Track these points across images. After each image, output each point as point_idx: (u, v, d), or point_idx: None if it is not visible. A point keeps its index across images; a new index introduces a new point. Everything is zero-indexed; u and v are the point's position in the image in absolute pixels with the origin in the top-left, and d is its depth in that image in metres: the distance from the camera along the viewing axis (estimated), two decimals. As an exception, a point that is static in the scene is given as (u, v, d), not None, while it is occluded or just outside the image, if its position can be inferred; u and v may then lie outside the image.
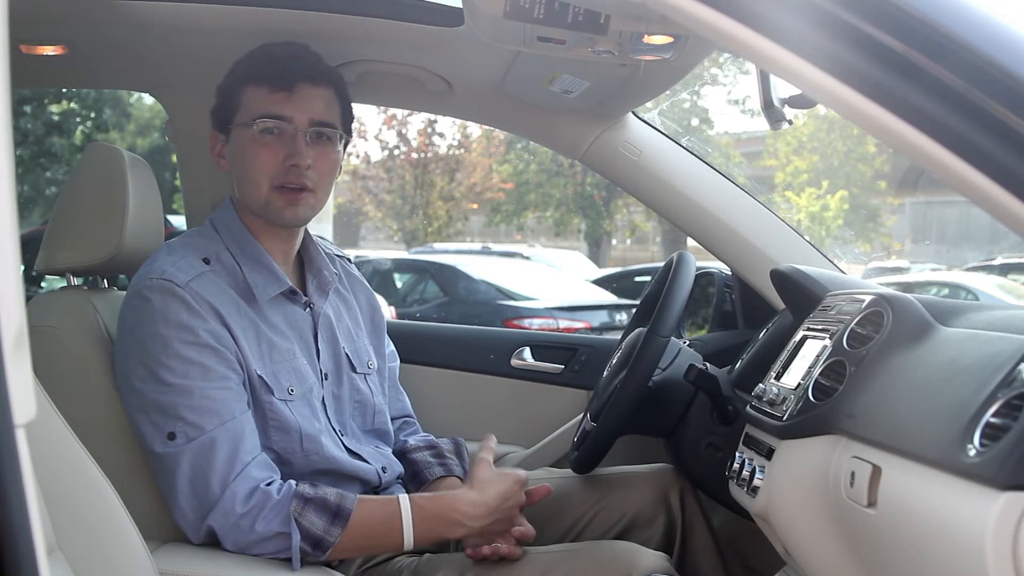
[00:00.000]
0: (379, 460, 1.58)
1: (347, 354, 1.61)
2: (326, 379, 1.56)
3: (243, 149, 1.50)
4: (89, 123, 13.64)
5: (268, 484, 1.37)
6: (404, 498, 1.42)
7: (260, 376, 1.44)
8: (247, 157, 1.50)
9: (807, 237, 1.99)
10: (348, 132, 1.58)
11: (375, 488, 1.56)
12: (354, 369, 1.61)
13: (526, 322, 7.23)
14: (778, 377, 1.40)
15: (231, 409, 1.38)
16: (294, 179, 1.48)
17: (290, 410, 1.46)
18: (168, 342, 1.38)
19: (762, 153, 21.18)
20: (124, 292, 1.51)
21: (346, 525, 1.37)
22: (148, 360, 1.38)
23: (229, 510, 1.34)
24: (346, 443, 1.55)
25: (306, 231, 1.62)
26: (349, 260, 1.79)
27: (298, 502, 1.36)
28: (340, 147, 1.56)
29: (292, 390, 1.47)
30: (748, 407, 1.44)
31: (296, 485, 1.39)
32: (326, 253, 1.65)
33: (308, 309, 1.57)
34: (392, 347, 1.82)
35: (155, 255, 1.47)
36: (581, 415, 1.97)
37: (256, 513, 1.34)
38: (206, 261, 1.47)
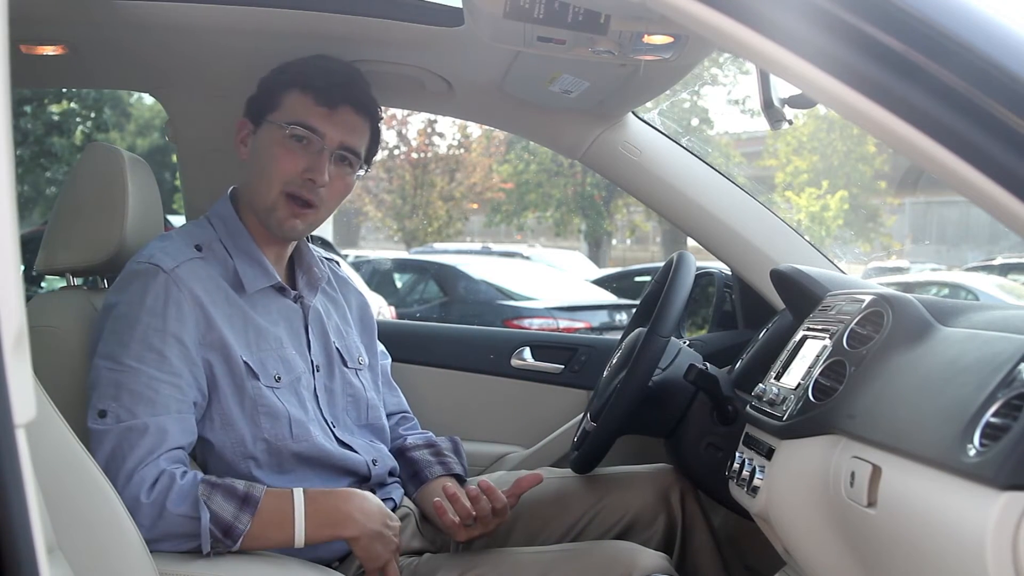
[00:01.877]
0: (370, 452, 1.58)
1: (337, 349, 1.62)
2: (317, 371, 1.56)
3: (268, 147, 1.52)
4: (89, 123, 13.64)
5: (175, 469, 1.34)
6: (298, 491, 1.37)
7: (246, 362, 1.44)
8: (269, 156, 1.51)
9: (807, 237, 1.99)
10: (368, 163, 1.62)
11: (366, 480, 1.56)
12: (345, 364, 1.62)
13: (526, 322, 7.23)
14: (778, 377, 1.41)
15: (167, 405, 1.36)
16: (307, 192, 1.50)
17: (277, 396, 1.47)
18: (135, 324, 1.38)
19: (762, 153, 21.19)
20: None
21: (255, 511, 1.32)
22: (112, 337, 1.39)
23: (136, 497, 1.29)
24: (337, 434, 1.55)
25: None
26: (337, 264, 1.80)
27: (205, 486, 1.33)
28: (355, 175, 1.58)
29: (279, 378, 1.48)
30: (748, 407, 1.44)
31: (201, 478, 1.35)
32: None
33: (298, 303, 1.58)
34: (382, 347, 1.83)
35: (149, 243, 1.49)
36: (581, 415, 1.97)
37: (162, 498, 1.30)
38: (198, 248, 1.48)
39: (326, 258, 1.76)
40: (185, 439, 1.38)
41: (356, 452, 1.55)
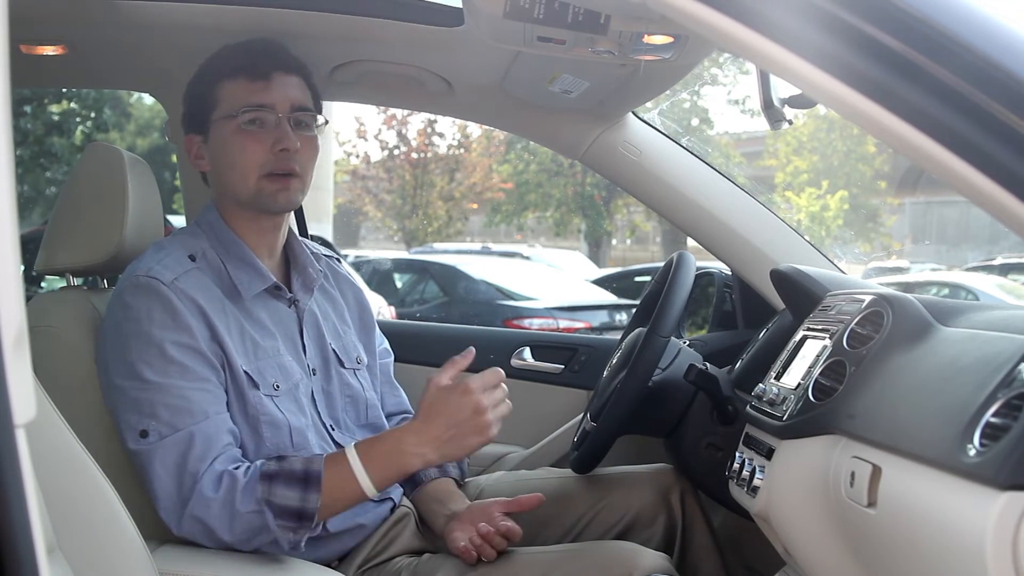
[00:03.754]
0: None
1: (334, 350, 1.61)
2: (314, 374, 1.56)
3: (228, 142, 1.51)
4: (89, 123, 13.63)
5: (235, 468, 1.37)
6: (350, 449, 1.38)
7: (246, 372, 1.45)
8: (233, 149, 1.50)
9: (807, 237, 1.99)
10: (321, 113, 1.61)
11: None
12: (342, 364, 1.62)
13: (526, 322, 7.23)
14: (778, 377, 1.41)
15: (205, 410, 1.39)
16: (283, 165, 1.50)
17: (276, 405, 1.47)
18: (151, 340, 1.39)
19: (762, 153, 21.19)
20: (123, 292, 1.51)
21: (320, 487, 1.34)
22: (130, 357, 1.39)
23: (205, 502, 1.34)
24: (336, 437, 1.55)
25: (290, 229, 1.63)
26: (339, 260, 1.79)
27: (264, 484, 1.35)
28: (317, 132, 1.58)
29: (277, 386, 1.48)
30: (748, 407, 1.44)
31: (261, 465, 1.37)
32: (312, 253, 1.66)
33: (293, 306, 1.57)
34: (386, 344, 1.83)
35: (143, 253, 1.49)
36: (581, 415, 1.97)
37: (230, 497, 1.34)
38: (192, 258, 1.48)
39: (325, 255, 1.75)
40: (230, 437, 1.41)
41: None
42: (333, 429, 1.56)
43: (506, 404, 1.40)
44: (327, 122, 1.62)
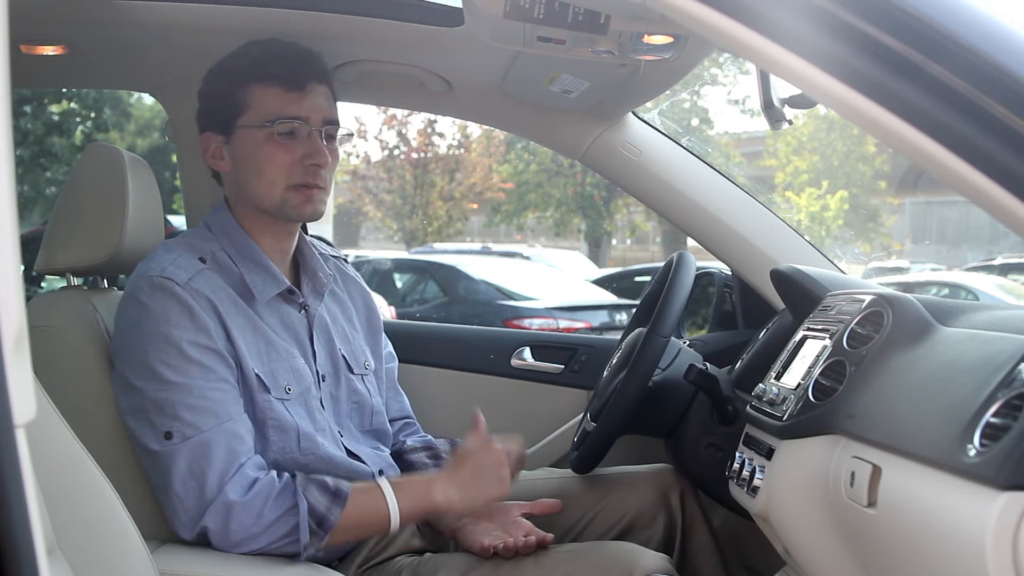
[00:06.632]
0: (377, 463, 1.58)
1: (344, 355, 1.61)
2: (323, 380, 1.56)
3: (256, 150, 1.49)
4: (89, 123, 13.64)
5: (267, 474, 1.39)
6: (382, 479, 1.45)
7: (258, 375, 1.44)
8: (261, 158, 1.49)
9: (807, 237, 1.99)
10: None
11: None
12: (351, 370, 1.61)
13: (526, 322, 7.23)
14: (778, 377, 1.41)
15: (228, 410, 1.39)
16: (311, 178, 1.49)
17: (287, 409, 1.46)
18: (169, 341, 1.38)
19: (762, 153, 21.18)
20: (124, 292, 1.51)
21: (344, 505, 1.38)
22: (148, 358, 1.38)
23: (228, 502, 1.35)
24: (345, 443, 1.55)
25: (301, 233, 1.62)
26: (345, 260, 1.79)
27: (302, 478, 1.39)
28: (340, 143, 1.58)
29: (289, 389, 1.48)
30: (748, 407, 1.44)
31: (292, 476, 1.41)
32: (320, 254, 1.66)
33: (303, 311, 1.57)
34: (390, 348, 1.82)
35: (152, 253, 1.48)
36: (581, 415, 1.97)
37: (261, 502, 1.35)
38: (202, 260, 1.47)
39: (333, 255, 1.75)
40: (251, 439, 1.42)
41: (364, 463, 1.55)
42: (341, 435, 1.56)
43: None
44: (351, 134, 1.62)
